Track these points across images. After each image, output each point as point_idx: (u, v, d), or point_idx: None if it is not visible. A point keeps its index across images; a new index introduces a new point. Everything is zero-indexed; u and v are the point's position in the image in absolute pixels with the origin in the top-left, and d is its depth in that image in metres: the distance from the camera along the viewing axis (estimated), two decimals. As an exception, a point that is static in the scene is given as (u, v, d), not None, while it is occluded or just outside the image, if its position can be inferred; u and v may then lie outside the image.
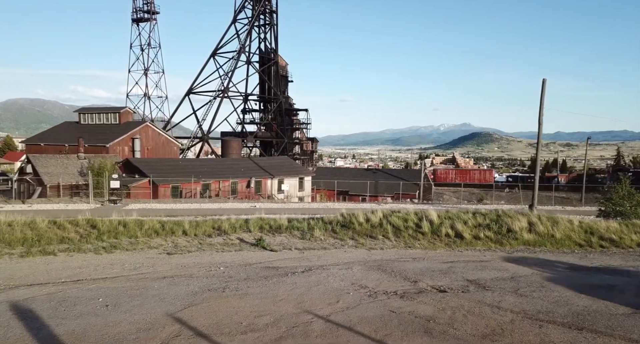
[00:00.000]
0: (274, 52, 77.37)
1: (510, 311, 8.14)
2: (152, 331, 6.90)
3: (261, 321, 7.46)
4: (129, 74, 78.73)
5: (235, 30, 73.79)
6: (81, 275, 9.91)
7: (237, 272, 10.58)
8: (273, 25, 77.07)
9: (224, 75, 71.85)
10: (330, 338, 6.82)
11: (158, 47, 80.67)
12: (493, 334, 7.04)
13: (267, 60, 77.18)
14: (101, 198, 32.44)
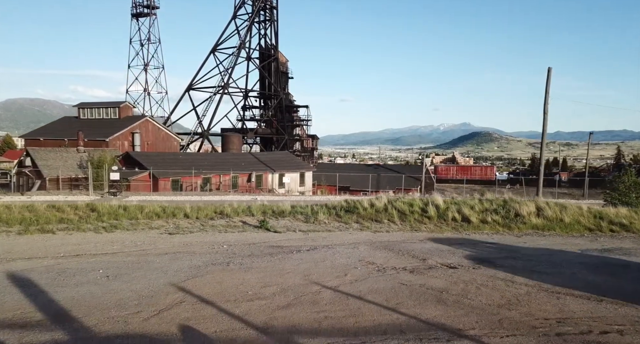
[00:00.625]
0: (274, 48, 77.02)
1: (525, 285, 7.86)
2: (154, 298, 6.62)
3: (268, 290, 7.17)
4: (129, 70, 78.42)
5: (235, 26, 73.41)
6: (80, 251, 9.62)
7: (241, 250, 10.29)
8: (273, 21, 76.71)
9: (224, 71, 71.48)
10: (340, 306, 6.54)
11: (158, 42, 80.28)
12: (509, 304, 6.76)
13: (267, 56, 76.82)
14: (101, 190, 32.12)
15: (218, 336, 5.29)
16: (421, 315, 6.17)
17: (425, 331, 5.61)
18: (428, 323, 5.90)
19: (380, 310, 6.37)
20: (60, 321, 5.57)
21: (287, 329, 5.59)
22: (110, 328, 5.42)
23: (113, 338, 5.12)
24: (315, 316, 6.07)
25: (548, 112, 25.30)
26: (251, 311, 6.18)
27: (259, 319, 5.92)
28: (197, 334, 5.32)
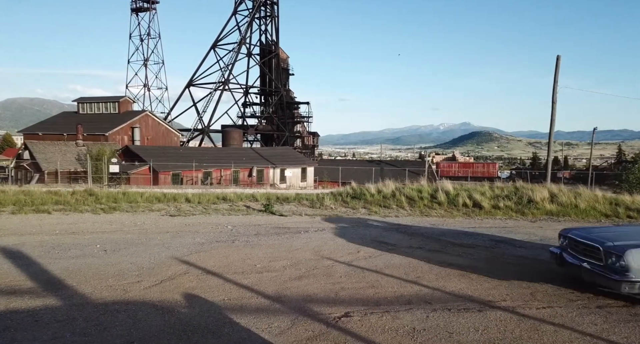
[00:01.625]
0: (275, 44, 76.47)
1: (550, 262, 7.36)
2: (155, 269, 6.12)
3: (277, 264, 6.68)
4: (128, 65, 77.71)
5: (235, 22, 72.84)
6: (77, 229, 9.11)
7: (246, 230, 9.79)
8: (274, 17, 76.16)
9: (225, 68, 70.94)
10: (356, 278, 6.04)
11: (158, 37, 79.54)
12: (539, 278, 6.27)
13: (268, 52, 76.24)
14: (100, 184, 31.59)
15: (227, 304, 4.79)
16: (445, 288, 5.68)
17: (453, 301, 5.12)
18: (454, 294, 5.41)
19: (400, 282, 5.88)
20: (52, 289, 5.08)
21: (302, 298, 5.10)
22: (107, 295, 4.93)
23: (110, 304, 4.63)
24: (330, 287, 5.58)
25: (557, 102, 24.78)
26: (261, 282, 5.69)
27: (270, 289, 5.42)
28: (204, 302, 4.82)
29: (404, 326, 4.32)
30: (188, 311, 4.52)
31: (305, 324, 4.32)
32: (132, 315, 4.34)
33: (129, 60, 78.72)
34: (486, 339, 4.03)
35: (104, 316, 4.30)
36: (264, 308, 4.73)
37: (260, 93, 79.63)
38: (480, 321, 4.48)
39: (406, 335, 4.11)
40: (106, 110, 52.43)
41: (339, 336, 4.06)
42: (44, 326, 4.02)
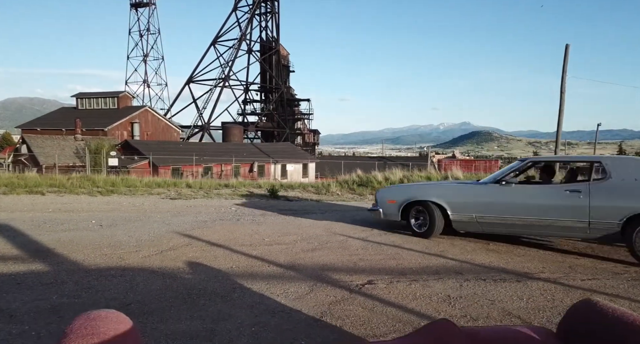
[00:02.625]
0: (276, 41, 75.94)
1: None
2: (155, 241, 5.60)
3: (287, 238, 6.16)
4: (128, 61, 77.03)
5: (236, 18, 72.31)
6: (71, 207, 8.58)
7: (251, 210, 9.27)
8: (274, 14, 75.61)
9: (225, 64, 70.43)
10: (374, 250, 5.53)
11: (157, 33, 78.90)
12: (576, 253, 5.77)
13: (269, 49, 75.69)
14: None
15: (235, 272, 4.28)
16: (474, 260, 5.17)
17: (485, 273, 4.61)
18: (484, 266, 4.90)
19: (423, 255, 5.37)
20: (40, 256, 4.57)
21: (318, 267, 4.59)
22: (101, 262, 4.42)
23: (105, 270, 4.12)
24: (347, 258, 5.07)
25: (565, 92, 24.28)
26: (271, 253, 5.18)
27: (282, 259, 4.91)
28: (209, 269, 4.31)
29: (437, 293, 3.81)
30: (192, 277, 4.01)
31: (325, 290, 3.80)
32: (129, 280, 3.82)
33: (128, 56, 78.17)
34: (534, 307, 3.52)
35: (97, 280, 3.78)
36: (276, 275, 4.21)
37: (260, 90, 79.15)
38: (523, 290, 3.97)
39: (442, 302, 3.60)
40: (105, 105, 51.87)
41: (365, 301, 3.55)
42: (27, 288, 3.51)
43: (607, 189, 5.36)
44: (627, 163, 5.56)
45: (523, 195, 5.88)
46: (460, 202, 6.29)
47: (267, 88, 77.08)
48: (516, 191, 5.94)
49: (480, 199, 6.17)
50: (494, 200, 6.03)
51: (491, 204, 6.03)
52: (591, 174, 5.94)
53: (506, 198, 5.95)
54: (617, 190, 5.29)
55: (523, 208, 5.77)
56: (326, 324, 3.06)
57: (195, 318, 3.05)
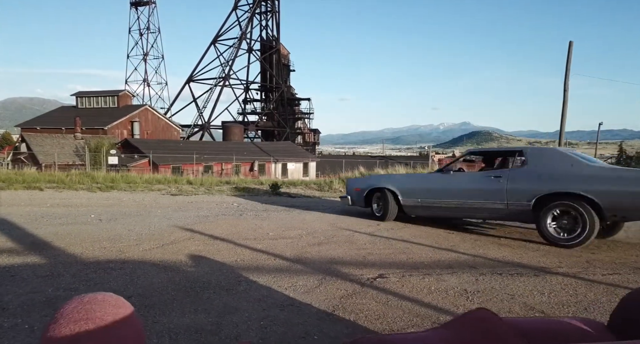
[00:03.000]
0: (276, 40, 75.74)
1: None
2: (156, 235, 5.41)
3: (292, 233, 5.98)
4: (128, 60, 76.79)
5: (236, 17, 72.12)
6: (70, 202, 8.39)
7: (253, 206, 9.09)
8: (275, 12, 75.41)
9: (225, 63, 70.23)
10: (383, 245, 5.35)
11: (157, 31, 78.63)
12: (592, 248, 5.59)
13: (269, 48, 75.50)
14: (98, 174, 30.93)
15: (240, 265, 4.09)
16: (487, 255, 4.98)
17: (500, 267, 4.42)
18: (498, 261, 4.71)
19: (434, 250, 5.18)
20: (36, 249, 4.38)
21: (326, 261, 4.40)
22: (100, 255, 4.23)
23: (104, 262, 3.93)
24: (355, 252, 4.88)
25: (568, 90, 24.09)
26: (277, 247, 4.99)
27: (288, 252, 4.73)
28: (213, 262, 4.12)
29: (452, 287, 3.62)
30: (195, 270, 3.82)
31: (335, 283, 3.62)
32: (129, 272, 3.64)
33: (128, 55, 77.96)
34: (557, 302, 3.33)
35: (95, 273, 3.60)
36: (283, 269, 4.03)
37: (260, 89, 78.96)
38: (543, 284, 3.78)
39: (459, 296, 3.41)
40: (105, 104, 51.67)
41: (377, 295, 3.36)
42: (22, 281, 3.32)
43: (523, 175, 5.96)
44: (542, 153, 6.19)
45: (457, 181, 6.58)
46: (409, 188, 7.13)
47: (268, 88, 76.88)
48: (452, 178, 6.67)
49: (424, 186, 7.00)
50: (435, 186, 6.82)
51: (432, 190, 6.82)
52: (514, 162, 6.68)
53: (444, 184, 6.70)
54: (531, 175, 5.87)
55: (457, 192, 6.49)
56: (339, 318, 2.87)
57: (200, 311, 2.86)
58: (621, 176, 5.42)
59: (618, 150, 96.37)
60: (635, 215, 5.43)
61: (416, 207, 7.04)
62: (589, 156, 6.76)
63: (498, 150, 8.16)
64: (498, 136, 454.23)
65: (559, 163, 5.83)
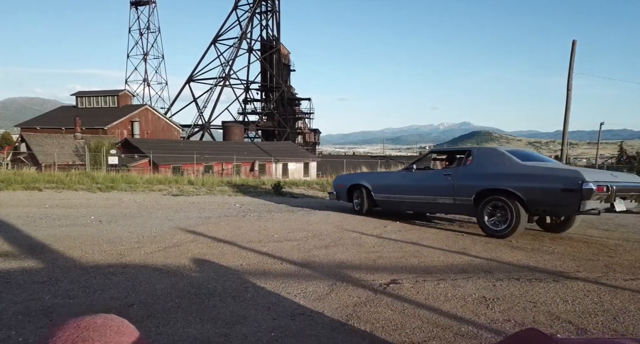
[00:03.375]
0: (276, 40, 75.55)
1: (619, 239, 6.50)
2: (158, 238, 5.24)
3: (297, 235, 5.80)
4: (128, 59, 76.54)
5: (236, 17, 71.89)
6: (69, 203, 8.22)
7: (256, 207, 8.92)
8: (275, 12, 75.21)
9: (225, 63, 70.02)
10: (392, 248, 5.17)
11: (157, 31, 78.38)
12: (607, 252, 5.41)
13: (269, 47, 75.30)
14: (98, 174, 30.73)
15: (246, 269, 3.92)
16: (501, 258, 4.81)
17: (516, 272, 4.24)
18: (514, 265, 4.54)
19: (445, 253, 5.01)
20: (33, 253, 4.21)
21: (335, 265, 4.23)
22: (100, 258, 4.06)
23: (104, 267, 3.75)
24: (365, 255, 4.70)
25: (572, 89, 23.91)
26: (282, 250, 4.82)
27: (295, 256, 4.55)
28: (218, 267, 3.95)
29: (470, 294, 3.44)
30: (200, 275, 3.64)
31: (347, 290, 3.44)
32: (131, 278, 3.46)
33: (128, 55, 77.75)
34: (583, 311, 3.15)
35: (95, 279, 3.42)
36: (291, 274, 3.85)
37: (261, 89, 78.79)
38: (564, 291, 3.60)
39: (478, 304, 3.23)
40: (105, 104, 51.48)
41: (392, 302, 3.19)
42: (17, 287, 3.14)
43: (467, 172, 6.50)
44: (485, 152, 6.69)
45: (417, 179, 7.19)
46: (379, 185, 7.82)
47: (268, 88, 76.69)
48: (413, 176, 7.26)
49: (391, 182, 7.71)
50: (399, 183, 7.49)
51: (397, 186, 7.48)
52: (463, 161, 6.91)
53: (406, 181, 7.34)
54: (473, 173, 6.41)
55: (416, 189, 7.12)
56: (354, 328, 2.69)
57: (206, 321, 2.69)
58: (535, 174, 5.81)
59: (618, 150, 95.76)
60: (550, 210, 5.87)
61: (385, 202, 7.74)
62: (538, 154, 7.37)
63: (454, 150, 8.63)
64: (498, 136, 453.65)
65: (495, 163, 6.31)
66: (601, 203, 5.46)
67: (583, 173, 5.43)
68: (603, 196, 5.37)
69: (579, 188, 5.27)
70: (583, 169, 5.90)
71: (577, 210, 5.41)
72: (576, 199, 5.34)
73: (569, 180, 5.43)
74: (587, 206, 5.34)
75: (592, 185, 5.23)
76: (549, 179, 5.63)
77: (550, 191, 5.54)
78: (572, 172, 5.58)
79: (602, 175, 5.84)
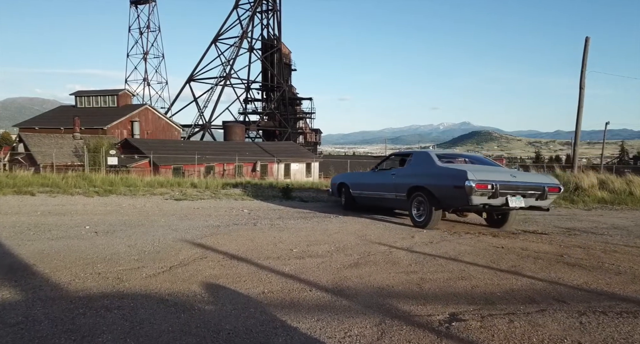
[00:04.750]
0: (277, 39, 74.84)
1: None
2: (162, 253, 4.53)
3: (319, 248, 5.10)
4: (128, 59, 75.73)
5: (237, 16, 71.21)
6: (64, 210, 7.51)
7: (266, 214, 8.22)
8: (276, 11, 74.52)
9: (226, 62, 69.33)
10: (433, 267, 4.47)
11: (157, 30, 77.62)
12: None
13: (270, 47, 74.60)
14: (97, 175, 30.01)
15: (270, 299, 3.22)
16: (563, 281, 4.09)
17: (595, 300, 3.52)
18: (585, 290, 3.82)
19: (496, 273, 4.30)
20: (13, 277, 3.50)
21: (374, 292, 3.52)
22: (93, 285, 3.35)
23: (97, 297, 3.05)
24: (405, 278, 4.00)
25: (585, 87, 23.22)
26: (307, 270, 4.12)
27: (324, 278, 3.85)
28: (235, 295, 3.25)
29: (559, 338, 2.72)
30: (215, 309, 2.94)
31: (401, 331, 2.74)
32: (129, 315, 2.76)
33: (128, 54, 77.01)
34: None
35: (84, 316, 2.71)
36: (325, 305, 3.15)
37: (262, 89, 78.11)
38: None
39: (576, 352, 2.53)
40: (105, 103, 50.76)
41: (466, 352, 2.48)
42: (-19, 334, 2.44)
43: (405, 172, 7.51)
44: (418, 155, 7.71)
45: (376, 178, 8.27)
46: (354, 183, 8.94)
47: (269, 87, 76.00)
48: (375, 175, 8.39)
49: (361, 181, 8.79)
50: (366, 181, 8.59)
51: (365, 184, 8.58)
52: (405, 162, 7.91)
53: (370, 180, 8.44)
54: (409, 172, 7.40)
55: (374, 186, 8.21)
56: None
57: (231, 386, 1.99)
58: (439, 173, 6.72)
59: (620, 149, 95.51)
60: (450, 204, 6.59)
61: (359, 197, 8.78)
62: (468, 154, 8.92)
63: (404, 153, 9.25)
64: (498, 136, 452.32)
65: (422, 164, 7.29)
66: (490, 198, 6.18)
67: (469, 172, 6.11)
68: (487, 192, 6.11)
69: (463, 184, 6.03)
70: (473, 168, 6.70)
71: (467, 204, 6.22)
72: (464, 194, 6.09)
73: (457, 178, 6.17)
74: (474, 201, 6.11)
75: (472, 182, 5.98)
76: (447, 177, 6.49)
77: (447, 187, 6.39)
78: (460, 171, 6.25)
79: (493, 174, 6.44)
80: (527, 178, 6.93)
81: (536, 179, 7.02)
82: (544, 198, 6.78)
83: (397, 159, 9.04)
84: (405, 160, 8.21)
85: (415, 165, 7.43)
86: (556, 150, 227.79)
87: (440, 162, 7.08)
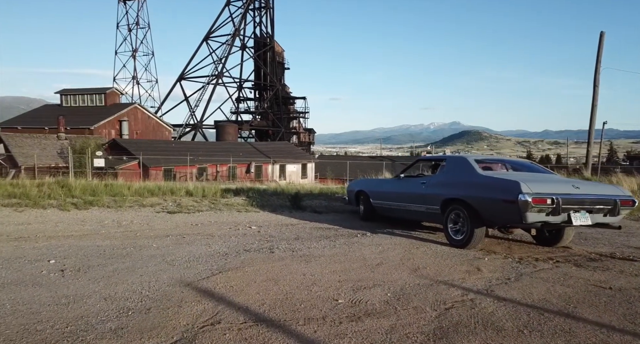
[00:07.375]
0: (270, 37, 73.31)
1: None
2: (155, 312, 3.09)
3: (372, 297, 3.68)
4: (116, 56, 73.29)
5: (229, 13, 69.54)
6: (28, 231, 6.01)
7: (279, 232, 6.79)
8: (269, 9, 72.98)
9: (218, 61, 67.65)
10: (549, 328, 3.08)
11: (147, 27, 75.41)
12: None
13: (263, 45, 73.03)
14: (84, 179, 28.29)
15: None
16: None
17: None
18: None
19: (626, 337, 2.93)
20: None
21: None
22: None
23: None
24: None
25: (599, 85, 22.11)
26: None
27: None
28: None
29: None
30: None
31: None
32: None
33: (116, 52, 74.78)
34: None
35: None
36: None
37: (254, 88, 76.51)
38: None
39: None
40: (92, 102, 48.77)
41: None
42: None
43: (438, 180, 6.46)
44: (454, 161, 6.71)
45: (402, 186, 7.12)
46: (376, 192, 7.83)
47: (262, 86, 74.40)
48: (401, 183, 7.21)
49: (384, 189, 7.66)
50: (390, 190, 7.43)
51: (389, 193, 7.42)
52: (436, 169, 7.00)
53: (395, 188, 7.30)
54: (443, 181, 6.37)
55: (401, 196, 7.09)
56: None
57: None
58: (482, 183, 5.67)
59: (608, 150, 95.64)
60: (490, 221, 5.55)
61: (381, 209, 7.70)
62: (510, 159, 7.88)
63: (435, 157, 8.39)
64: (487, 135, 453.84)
65: (459, 172, 6.23)
66: (548, 215, 5.10)
67: (522, 183, 5.07)
68: (545, 208, 5.04)
69: (516, 199, 4.98)
70: (526, 177, 5.68)
71: (520, 222, 5.18)
72: (516, 211, 5.06)
73: (508, 191, 5.15)
74: (530, 219, 5.06)
75: (527, 196, 4.93)
76: (493, 189, 5.47)
77: (495, 201, 5.35)
78: (511, 182, 5.22)
79: (551, 185, 5.38)
80: (593, 190, 5.86)
81: (604, 190, 5.94)
82: (616, 213, 5.65)
83: (427, 165, 8.09)
84: (437, 166, 7.21)
85: (451, 173, 6.40)
86: (545, 150, 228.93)
87: (481, 169, 6.06)
